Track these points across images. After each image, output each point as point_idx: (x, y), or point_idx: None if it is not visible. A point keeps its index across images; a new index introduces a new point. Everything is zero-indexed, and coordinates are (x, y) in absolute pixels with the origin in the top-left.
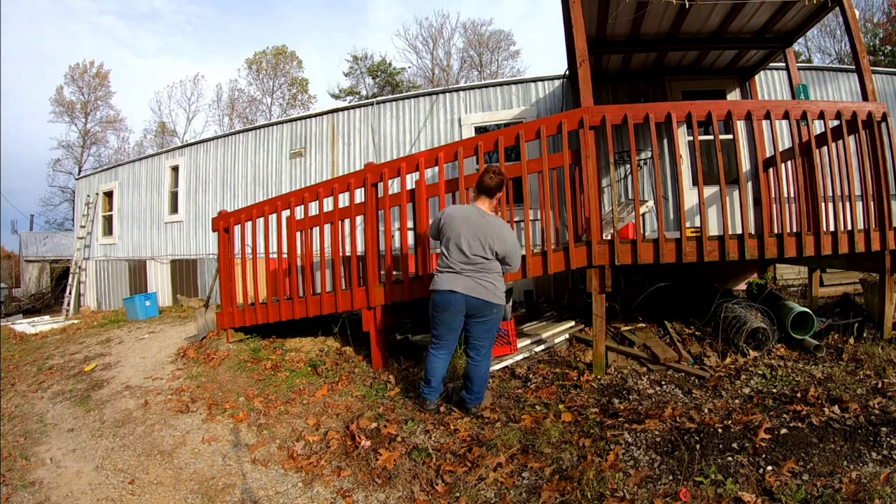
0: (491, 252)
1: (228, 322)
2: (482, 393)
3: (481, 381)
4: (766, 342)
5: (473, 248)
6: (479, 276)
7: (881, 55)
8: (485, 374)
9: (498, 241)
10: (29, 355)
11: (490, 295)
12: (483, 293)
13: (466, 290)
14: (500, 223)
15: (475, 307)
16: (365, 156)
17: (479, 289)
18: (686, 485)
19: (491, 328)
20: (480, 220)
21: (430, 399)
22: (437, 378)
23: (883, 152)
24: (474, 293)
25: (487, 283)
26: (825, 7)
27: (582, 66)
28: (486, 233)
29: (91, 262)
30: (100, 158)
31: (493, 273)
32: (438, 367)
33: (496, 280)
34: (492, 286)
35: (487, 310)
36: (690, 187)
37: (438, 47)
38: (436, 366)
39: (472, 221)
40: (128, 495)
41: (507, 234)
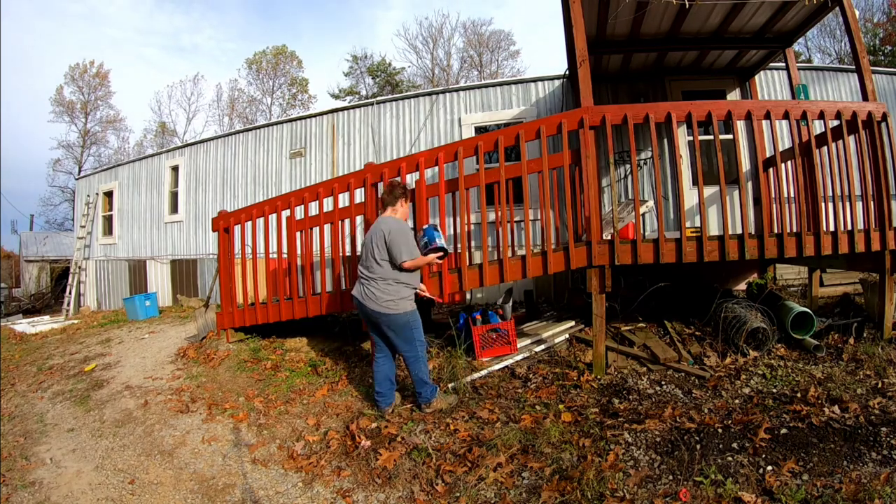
0: (376, 253)
1: (228, 322)
2: (425, 392)
3: (417, 382)
4: (766, 342)
5: (364, 254)
6: (366, 283)
7: (881, 55)
8: (417, 375)
9: (378, 236)
10: (29, 355)
11: (371, 303)
12: (367, 301)
13: (358, 295)
14: (386, 219)
15: (367, 314)
16: (365, 156)
17: (365, 296)
18: (686, 485)
19: (397, 335)
20: (373, 226)
21: (383, 405)
22: (380, 383)
23: (883, 152)
24: (362, 299)
25: (373, 290)
26: (825, 7)
27: (582, 66)
28: (374, 233)
29: (91, 262)
30: (100, 158)
31: (378, 279)
32: (378, 370)
33: (379, 288)
34: (375, 294)
35: (377, 317)
36: (690, 187)
37: (438, 47)
38: (376, 369)
39: (369, 232)
40: (128, 495)
41: (388, 228)
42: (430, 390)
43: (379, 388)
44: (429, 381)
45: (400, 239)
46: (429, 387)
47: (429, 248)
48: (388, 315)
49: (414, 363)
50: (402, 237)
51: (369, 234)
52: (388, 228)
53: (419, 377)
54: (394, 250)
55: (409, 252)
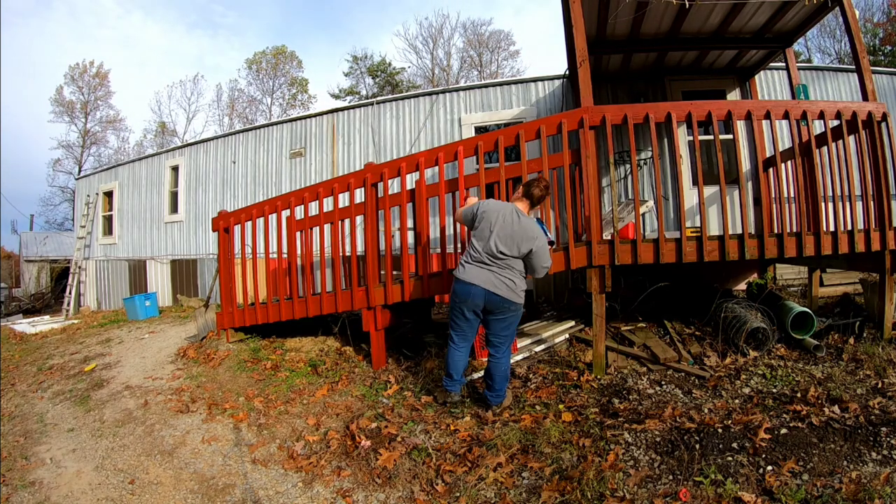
0: (518, 252)
1: (228, 322)
2: (503, 390)
3: (502, 378)
4: (766, 342)
5: (501, 246)
6: (502, 273)
7: (881, 55)
8: (506, 371)
9: (526, 243)
10: (29, 355)
11: (510, 293)
12: (503, 290)
13: (487, 284)
14: (534, 228)
15: (494, 303)
16: (365, 156)
17: (500, 285)
18: (686, 485)
19: (510, 325)
20: (516, 219)
21: (453, 390)
22: (458, 371)
23: (883, 152)
24: (494, 289)
25: (509, 280)
26: (825, 7)
27: (582, 66)
28: (520, 233)
29: (91, 262)
30: (100, 158)
31: (516, 271)
32: (459, 359)
33: (517, 278)
34: (512, 284)
35: (506, 307)
36: (690, 187)
37: (438, 47)
38: (456, 358)
39: (507, 220)
40: (128, 495)
41: (539, 240)
42: (507, 389)
43: (455, 376)
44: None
45: (547, 254)
46: (507, 385)
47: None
48: (517, 304)
49: (507, 356)
50: (548, 252)
51: (510, 226)
52: (538, 240)
53: (506, 373)
54: (539, 265)
55: (550, 261)
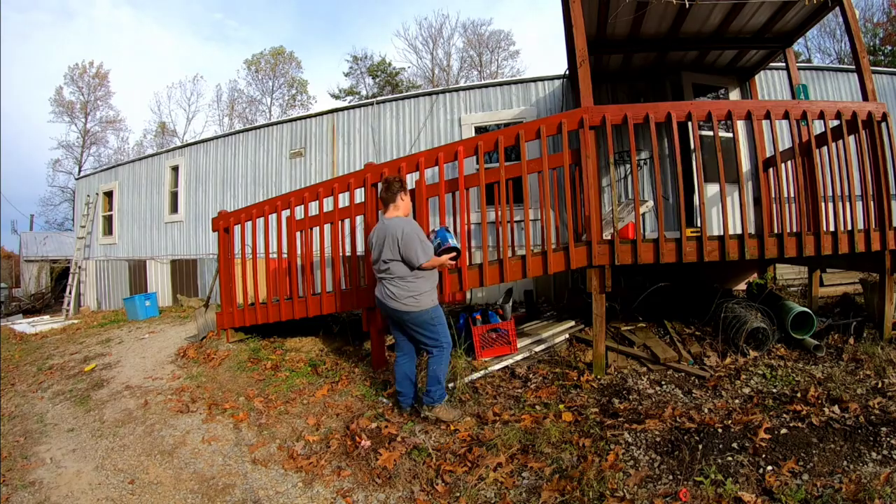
0: (391, 255)
1: (228, 322)
2: (434, 392)
3: (431, 378)
4: (766, 342)
5: (377, 255)
6: (386, 283)
7: (881, 55)
8: (434, 371)
9: (389, 240)
10: (29, 355)
11: (393, 302)
12: (388, 300)
13: (379, 296)
14: (396, 222)
15: (389, 313)
16: (365, 156)
17: (386, 296)
18: (686, 485)
19: (421, 331)
20: (381, 227)
21: (402, 405)
22: (400, 382)
23: (883, 152)
24: (384, 299)
25: (392, 289)
26: (825, 7)
27: (582, 66)
28: (384, 236)
29: (91, 262)
30: (100, 158)
31: (396, 278)
32: (398, 369)
33: (398, 286)
34: (395, 292)
35: (399, 316)
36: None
37: (438, 47)
38: (396, 369)
39: (377, 232)
40: (128, 495)
41: (400, 230)
42: (440, 393)
43: (400, 388)
44: (443, 383)
45: (414, 242)
46: (440, 388)
47: (442, 249)
48: (410, 313)
49: (436, 358)
50: (416, 239)
51: (379, 236)
52: (399, 232)
53: (435, 374)
54: (410, 254)
55: (424, 253)
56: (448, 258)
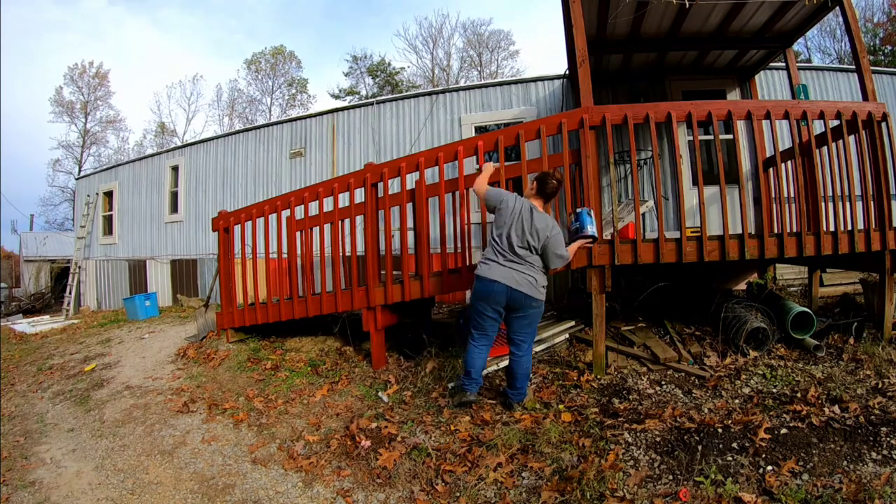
0: (536, 249)
1: (228, 322)
2: (524, 388)
3: (524, 376)
4: (766, 342)
5: (521, 242)
6: (524, 269)
7: (881, 55)
8: (527, 369)
9: (540, 238)
10: (29, 355)
11: (532, 289)
12: (525, 287)
13: (508, 281)
14: (551, 221)
15: (516, 300)
16: (365, 156)
17: (522, 282)
18: (686, 485)
19: (532, 322)
20: (532, 215)
21: (470, 390)
22: (477, 369)
23: (883, 152)
24: (517, 286)
25: (531, 276)
26: (825, 7)
27: (582, 66)
28: (537, 228)
29: (91, 262)
30: (100, 158)
31: (536, 268)
32: (478, 358)
33: (538, 275)
34: (534, 280)
35: (528, 304)
36: (690, 187)
37: (438, 47)
38: (475, 357)
39: (524, 216)
40: (128, 495)
41: (553, 230)
42: (526, 388)
43: (475, 376)
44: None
45: (562, 239)
46: (527, 383)
47: (579, 235)
48: (539, 300)
49: (529, 354)
50: (562, 237)
51: (528, 223)
52: (552, 225)
53: (527, 371)
54: (552, 257)
55: (562, 258)
56: (583, 243)
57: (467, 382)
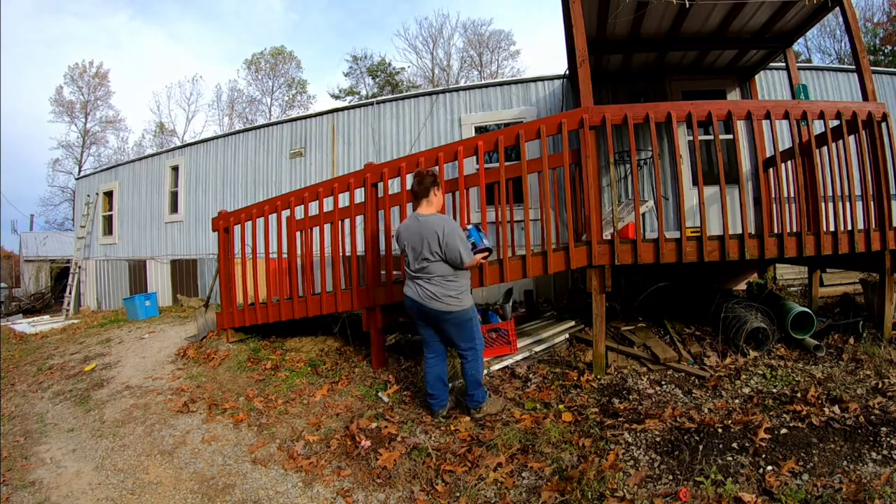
0: (430, 254)
1: (228, 322)
2: (477, 394)
3: (472, 384)
4: (766, 342)
5: (415, 254)
6: (425, 283)
7: (881, 55)
8: (474, 376)
9: (431, 238)
10: (29, 355)
11: (434, 302)
12: (429, 301)
13: (415, 297)
14: (433, 219)
15: (428, 314)
16: (365, 156)
17: (424, 297)
18: (686, 485)
19: (459, 332)
20: (414, 223)
21: (436, 409)
22: (432, 384)
23: (883, 152)
24: (421, 300)
25: (432, 288)
26: (825, 7)
27: (582, 66)
28: (421, 233)
29: (91, 262)
30: (100, 158)
31: (437, 277)
32: (432, 372)
33: (439, 285)
34: (436, 292)
35: (440, 317)
36: (690, 187)
37: (438, 47)
38: (429, 372)
39: (409, 229)
40: (128, 495)
41: (441, 228)
42: (483, 393)
43: (432, 391)
44: (482, 383)
45: (456, 241)
46: (482, 389)
47: (477, 250)
48: (452, 312)
49: (472, 362)
50: (458, 238)
51: (413, 233)
52: (441, 229)
53: (475, 378)
54: (452, 254)
55: (466, 253)
56: (481, 258)
57: (431, 401)
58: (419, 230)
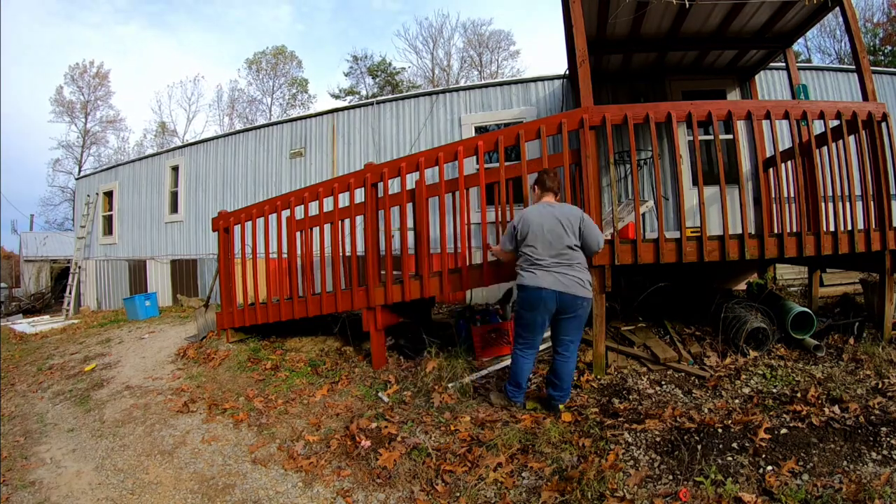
0: (575, 238)
1: (228, 322)
2: (570, 389)
3: (570, 377)
4: (766, 342)
5: (557, 240)
6: (567, 271)
7: (881, 55)
8: (573, 370)
9: (573, 223)
10: (29, 355)
11: (579, 289)
12: (574, 288)
13: (556, 286)
14: (570, 208)
15: (565, 303)
16: (365, 156)
17: (570, 284)
18: (686, 485)
19: (581, 323)
20: (547, 211)
21: (517, 400)
22: (524, 378)
23: (883, 152)
24: (565, 289)
25: (575, 276)
26: (825, 7)
27: (582, 66)
28: (559, 220)
29: (91, 262)
30: (100, 158)
31: (579, 265)
32: (526, 367)
33: (583, 272)
34: (580, 279)
35: (577, 304)
36: (690, 187)
37: (438, 47)
38: (524, 366)
39: (544, 215)
40: (128, 495)
41: (580, 215)
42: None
43: (523, 384)
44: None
45: (595, 228)
46: (571, 384)
47: None
48: (588, 299)
49: (575, 355)
50: (594, 223)
51: (549, 220)
52: (580, 215)
53: (572, 372)
54: (593, 239)
55: (602, 238)
56: None
57: (515, 393)
58: (556, 215)
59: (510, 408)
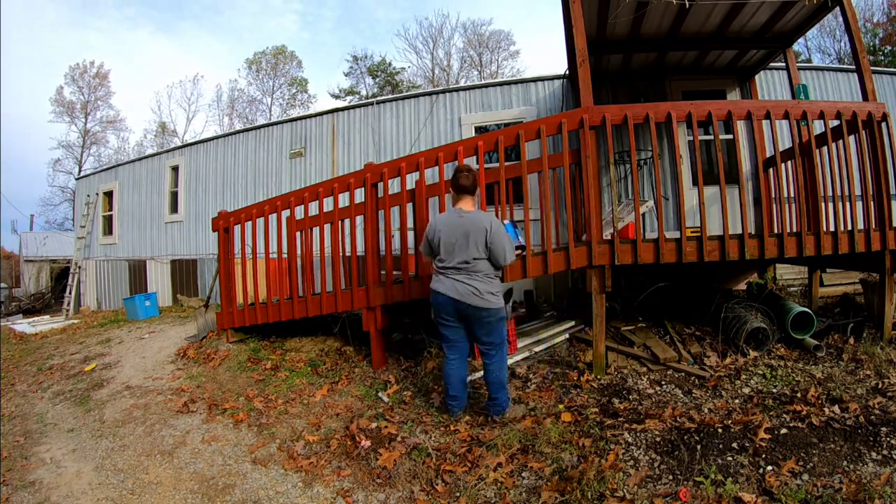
0: (480, 251)
1: (228, 322)
2: (501, 399)
3: (497, 386)
4: (766, 342)
5: (455, 250)
6: (465, 279)
7: (881, 55)
8: (498, 378)
9: (477, 234)
10: (29, 355)
11: (474, 299)
12: (468, 297)
13: (451, 293)
14: (481, 216)
15: (461, 311)
16: (365, 156)
17: (464, 293)
18: (686, 485)
19: (490, 332)
20: (456, 219)
21: (455, 411)
22: (454, 386)
23: (883, 152)
24: (459, 297)
25: (472, 285)
26: (825, 7)
27: (582, 66)
28: (467, 229)
29: (91, 262)
30: (100, 158)
31: (481, 274)
32: (453, 373)
33: (482, 282)
34: (476, 289)
35: (472, 313)
36: (690, 187)
37: (438, 47)
38: (449, 373)
39: (450, 224)
40: (128, 495)
41: (489, 225)
42: (507, 398)
43: (454, 392)
44: (507, 386)
45: (504, 240)
46: (505, 393)
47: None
48: (490, 310)
49: (499, 364)
50: (505, 237)
51: (456, 228)
52: (489, 226)
53: (501, 381)
54: (499, 253)
55: (511, 252)
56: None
57: (451, 403)
58: (463, 226)
59: (451, 418)
